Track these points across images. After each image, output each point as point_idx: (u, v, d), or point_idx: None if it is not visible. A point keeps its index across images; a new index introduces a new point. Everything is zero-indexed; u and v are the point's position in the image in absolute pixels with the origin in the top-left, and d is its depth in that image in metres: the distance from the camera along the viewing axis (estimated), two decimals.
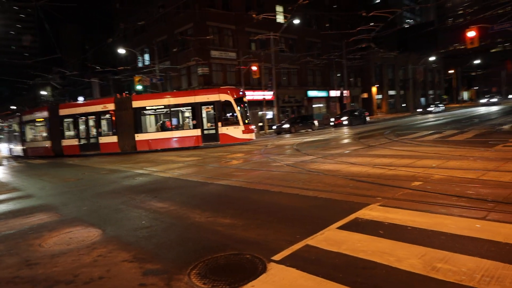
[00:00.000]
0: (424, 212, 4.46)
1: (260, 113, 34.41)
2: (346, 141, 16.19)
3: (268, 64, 32.31)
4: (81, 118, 21.28)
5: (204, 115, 19.66)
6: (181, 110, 20.22)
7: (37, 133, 24.27)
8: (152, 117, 20.64)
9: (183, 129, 19.98)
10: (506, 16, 22.87)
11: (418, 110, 46.10)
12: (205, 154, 15.48)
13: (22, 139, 25.63)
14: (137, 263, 3.70)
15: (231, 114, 19.40)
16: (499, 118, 21.66)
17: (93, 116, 20.88)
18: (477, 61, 71.07)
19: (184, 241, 4.30)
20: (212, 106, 19.41)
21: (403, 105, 56.81)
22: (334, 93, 41.96)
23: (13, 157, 27.72)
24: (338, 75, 41.88)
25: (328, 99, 44.33)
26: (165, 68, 33.44)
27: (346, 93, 39.35)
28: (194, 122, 19.52)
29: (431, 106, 44.43)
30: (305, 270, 3.14)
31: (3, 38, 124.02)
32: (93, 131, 21.12)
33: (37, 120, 23.67)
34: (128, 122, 19.87)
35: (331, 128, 29.69)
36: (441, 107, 44.37)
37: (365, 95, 51.03)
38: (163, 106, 19.79)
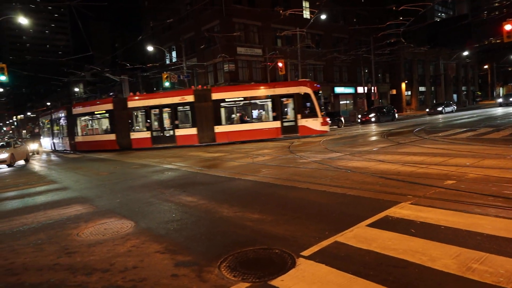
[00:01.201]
0: (458, 211, 4.32)
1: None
2: (374, 138, 15.87)
3: (294, 60, 32.11)
4: (154, 110, 20.64)
5: (283, 107, 19.83)
6: (260, 103, 20.30)
7: (96, 126, 23.21)
8: (231, 109, 20.36)
9: (262, 121, 20.01)
10: None
11: (426, 110, 39.94)
12: (232, 150, 15.63)
13: (71, 133, 24.23)
14: (169, 254, 3.81)
15: (309, 106, 19.53)
16: None
17: (169, 108, 20.43)
18: None
19: (213, 234, 4.39)
20: (291, 98, 19.58)
21: (434, 101, 54.95)
22: (361, 90, 41.16)
23: (53, 152, 28.56)
24: (365, 71, 41.00)
25: (355, 95, 43.53)
26: (192, 65, 33.90)
27: (373, 89, 38.50)
28: (274, 114, 19.58)
29: (440, 105, 38.51)
30: (335, 266, 3.14)
31: (39, 37, 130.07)
32: (168, 124, 20.67)
33: (96, 112, 22.48)
34: (208, 114, 19.63)
35: (358, 125, 29.18)
36: (451, 107, 39.09)
37: (394, 92, 49.74)
38: (242, 98, 19.81)
